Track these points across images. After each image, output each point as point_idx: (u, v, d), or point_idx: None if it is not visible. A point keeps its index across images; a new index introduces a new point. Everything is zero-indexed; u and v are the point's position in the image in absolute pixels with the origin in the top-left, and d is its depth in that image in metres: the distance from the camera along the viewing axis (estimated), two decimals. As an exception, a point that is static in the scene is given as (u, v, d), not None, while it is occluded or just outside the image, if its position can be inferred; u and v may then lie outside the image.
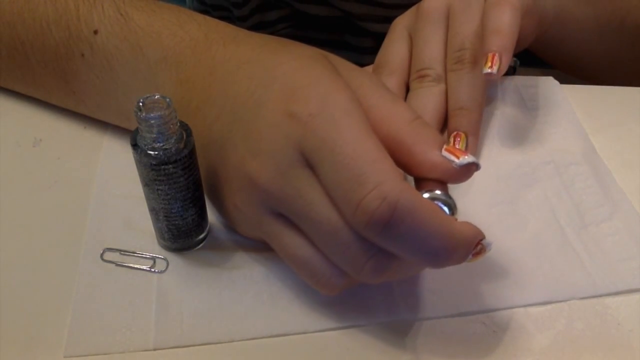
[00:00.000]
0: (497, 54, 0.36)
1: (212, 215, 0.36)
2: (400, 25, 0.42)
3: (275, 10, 0.60)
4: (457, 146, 0.34)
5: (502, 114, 0.43)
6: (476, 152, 0.39)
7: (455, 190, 0.38)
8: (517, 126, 0.42)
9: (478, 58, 0.38)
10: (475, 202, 0.38)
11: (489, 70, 0.36)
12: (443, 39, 0.40)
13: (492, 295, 0.33)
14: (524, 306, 0.33)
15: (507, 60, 0.36)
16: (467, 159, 0.29)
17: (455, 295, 0.33)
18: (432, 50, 0.40)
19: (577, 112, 0.44)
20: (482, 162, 0.40)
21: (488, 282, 0.34)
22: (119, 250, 0.34)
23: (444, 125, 0.40)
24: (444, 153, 0.29)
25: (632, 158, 0.42)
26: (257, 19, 0.61)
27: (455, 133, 0.38)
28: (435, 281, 0.34)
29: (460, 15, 0.40)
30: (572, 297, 0.34)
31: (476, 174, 0.39)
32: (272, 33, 0.61)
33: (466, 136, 0.38)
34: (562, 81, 0.46)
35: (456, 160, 0.29)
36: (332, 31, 0.59)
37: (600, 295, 0.34)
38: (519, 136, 0.42)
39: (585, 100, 0.45)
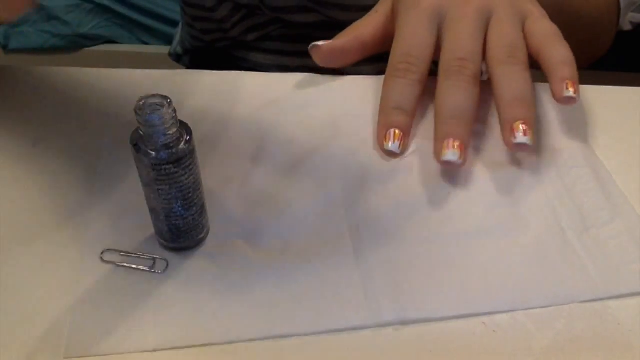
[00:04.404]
0: (575, 82, 0.39)
1: (212, 216, 0.36)
2: (431, 12, 0.42)
3: (264, 15, 0.60)
4: (517, 133, 0.38)
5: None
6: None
7: (456, 192, 0.39)
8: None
9: (527, 64, 0.40)
10: (476, 204, 0.38)
11: (573, 95, 0.38)
12: (482, 39, 0.41)
13: (493, 298, 0.33)
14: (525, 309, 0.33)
15: (579, 88, 0.39)
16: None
17: (456, 298, 0.33)
18: (474, 45, 0.40)
19: (577, 112, 0.44)
20: (484, 164, 0.40)
21: (489, 285, 0.34)
22: (119, 251, 0.34)
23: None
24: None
25: (633, 159, 0.42)
26: (249, 24, 0.61)
27: (515, 122, 0.38)
28: (437, 283, 0.34)
29: (507, 22, 0.41)
30: (573, 301, 0.33)
31: (478, 176, 0.39)
32: (265, 35, 0.61)
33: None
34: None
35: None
36: (324, 30, 0.60)
37: (602, 299, 0.34)
38: None
39: (585, 100, 0.45)
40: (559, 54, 0.40)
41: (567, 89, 0.39)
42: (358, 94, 0.44)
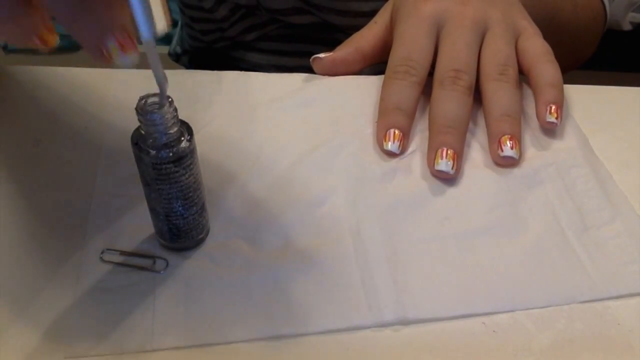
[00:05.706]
0: (559, 107, 0.41)
1: (212, 216, 0.36)
2: (431, 20, 0.42)
3: (262, 15, 0.60)
4: (504, 147, 0.39)
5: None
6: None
7: (456, 192, 0.39)
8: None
9: (517, 80, 0.42)
10: (476, 204, 0.38)
11: (555, 121, 0.40)
12: (477, 51, 0.42)
13: (493, 298, 0.33)
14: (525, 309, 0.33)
15: (562, 112, 0.41)
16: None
17: (456, 298, 0.33)
18: (470, 57, 0.41)
19: (577, 112, 0.44)
20: (484, 163, 0.40)
21: (489, 285, 0.34)
22: (119, 251, 0.34)
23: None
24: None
25: (632, 158, 0.42)
26: (247, 24, 0.61)
27: (502, 137, 0.39)
28: (437, 283, 0.34)
29: (501, 38, 0.42)
30: (573, 301, 0.33)
31: (477, 176, 0.39)
32: (263, 35, 0.61)
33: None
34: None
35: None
36: (321, 31, 0.60)
37: (602, 299, 0.34)
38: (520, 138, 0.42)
39: (585, 100, 0.45)
40: (548, 74, 0.42)
41: (549, 113, 0.41)
42: (358, 94, 0.44)
